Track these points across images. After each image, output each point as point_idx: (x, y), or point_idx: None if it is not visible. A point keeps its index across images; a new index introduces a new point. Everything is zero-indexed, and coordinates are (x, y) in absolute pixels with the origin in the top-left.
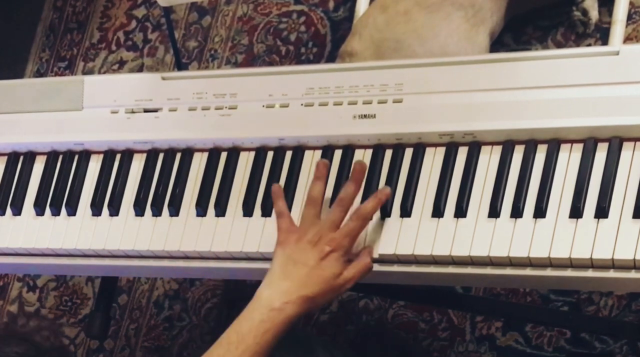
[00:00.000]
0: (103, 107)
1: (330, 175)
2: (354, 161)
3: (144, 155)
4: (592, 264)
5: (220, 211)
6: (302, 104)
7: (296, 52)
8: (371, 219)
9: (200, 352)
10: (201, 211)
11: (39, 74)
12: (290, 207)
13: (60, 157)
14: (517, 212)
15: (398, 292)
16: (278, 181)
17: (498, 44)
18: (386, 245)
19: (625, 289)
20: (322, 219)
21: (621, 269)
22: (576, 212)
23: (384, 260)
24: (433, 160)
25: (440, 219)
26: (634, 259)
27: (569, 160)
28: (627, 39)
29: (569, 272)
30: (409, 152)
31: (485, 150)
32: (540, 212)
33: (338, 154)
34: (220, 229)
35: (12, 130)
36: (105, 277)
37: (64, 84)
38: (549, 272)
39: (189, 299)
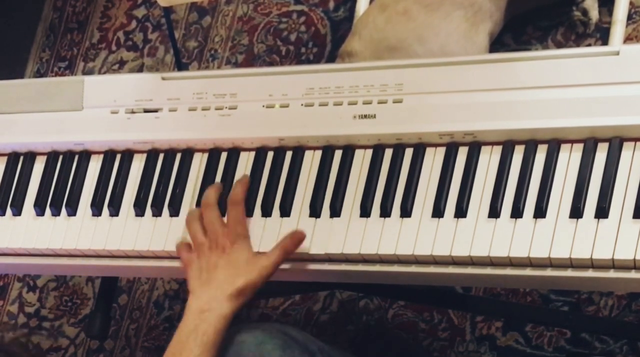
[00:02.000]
0: (103, 107)
1: (330, 175)
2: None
3: (144, 155)
4: (592, 264)
5: (220, 211)
6: (302, 104)
7: (296, 52)
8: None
9: None
10: None
11: (39, 74)
12: (290, 208)
13: (60, 157)
14: (517, 213)
15: (398, 292)
16: (278, 181)
17: (498, 44)
18: (386, 245)
19: (625, 289)
20: (206, 226)
21: (621, 269)
22: (576, 212)
23: (384, 260)
24: (433, 160)
25: (440, 219)
26: (634, 259)
27: (569, 160)
28: (627, 39)
29: (569, 272)
30: (409, 152)
31: (485, 150)
32: (540, 212)
33: (338, 154)
34: None
35: (12, 130)
36: (105, 277)
37: (64, 84)
38: (549, 272)
39: None
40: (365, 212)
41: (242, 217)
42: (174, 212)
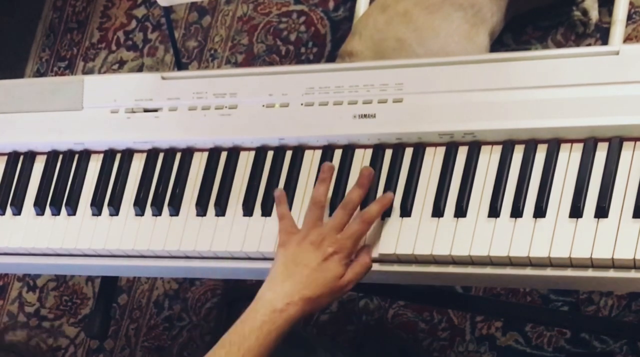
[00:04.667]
0: (103, 107)
1: None
2: (361, 166)
3: (144, 155)
4: (592, 263)
5: (220, 210)
6: (302, 104)
7: (296, 52)
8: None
9: (200, 352)
10: (201, 210)
11: (39, 74)
12: (290, 207)
13: (60, 157)
14: (517, 212)
15: (398, 292)
16: (278, 180)
17: (498, 44)
18: (386, 245)
19: (625, 289)
20: (325, 222)
21: (621, 268)
22: (576, 211)
23: (384, 260)
24: (433, 160)
25: (440, 218)
26: (634, 259)
27: (569, 160)
28: (627, 39)
29: (569, 272)
30: (409, 152)
31: (485, 150)
32: (540, 212)
33: (338, 154)
34: (220, 229)
35: (12, 130)
36: (105, 277)
37: (64, 84)
38: (549, 272)
39: (189, 299)
40: None
41: (360, 236)
42: (174, 211)
